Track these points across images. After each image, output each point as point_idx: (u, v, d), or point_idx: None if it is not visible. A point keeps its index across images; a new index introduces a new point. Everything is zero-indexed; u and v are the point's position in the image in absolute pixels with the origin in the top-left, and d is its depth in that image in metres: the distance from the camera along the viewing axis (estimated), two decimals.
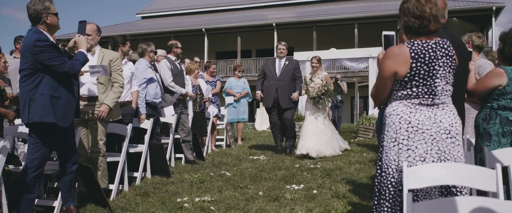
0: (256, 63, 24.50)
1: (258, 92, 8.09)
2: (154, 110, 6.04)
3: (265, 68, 8.10)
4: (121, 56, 5.33)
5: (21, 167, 3.87)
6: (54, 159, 4.45)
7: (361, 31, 22.24)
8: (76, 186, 4.30)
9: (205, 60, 23.71)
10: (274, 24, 23.30)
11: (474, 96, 3.58)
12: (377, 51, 4.02)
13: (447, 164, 2.54)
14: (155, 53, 6.28)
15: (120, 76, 4.80)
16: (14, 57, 6.71)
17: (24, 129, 3.97)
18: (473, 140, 3.68)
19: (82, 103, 4.46)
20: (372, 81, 10.22)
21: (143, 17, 30.37)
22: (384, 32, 3.04)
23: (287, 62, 7.95)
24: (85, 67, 4.26)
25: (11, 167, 4.01)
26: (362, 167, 6.60)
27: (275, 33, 23.51)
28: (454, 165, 2.52)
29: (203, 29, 24.37)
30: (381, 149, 2.74)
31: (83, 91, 4.50)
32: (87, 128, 4.63)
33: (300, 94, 7.89)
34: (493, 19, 21.24)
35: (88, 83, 4.56)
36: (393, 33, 3.07)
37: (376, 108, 3.85)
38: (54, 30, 3.88)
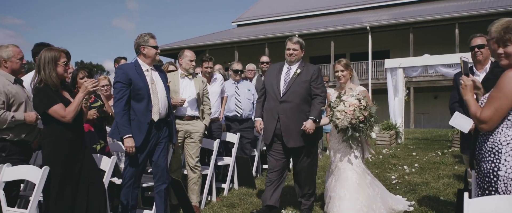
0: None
1: (258, 121, 4.94)
2: (232, 123, 6.59)
3: (265, 80, 5.04)
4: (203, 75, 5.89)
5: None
6: (149, 171, 4.99)
7: (463, 31, 20.97)
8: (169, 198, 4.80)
9: None
10: (368, 27, 22.86)
11: None
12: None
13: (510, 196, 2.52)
14: (236, 71, 6.71)
15: (208, 99, 5.39)
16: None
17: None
18: None
19: (183, 122, 5.01)
20: None
21: (238, 25, 31.49)
22: (463, 58, 3.06)
23: (298, 71, 4.81)
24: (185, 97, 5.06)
25: (114, 179, 4.61)
26: (451, 181, 6.40)
27: (369, 36, 23.06)
28: None
29: (297, 35, 24.55)
30: (493, 178, 2.63)
31: (183, 112, 5.06)
32: (184, 145, 5.15)
33: (317, 122, 4.67)
34: None
35: (187, 105, 5.11)
36: (472, 61, 3.04)
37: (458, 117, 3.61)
38: (152, 60, 4.38)
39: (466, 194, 2.51)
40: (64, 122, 3.57)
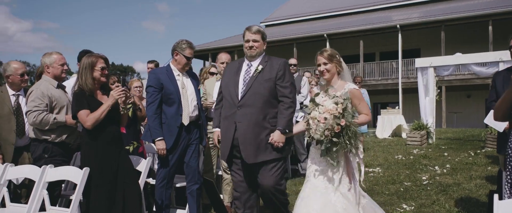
0: (380, 67, 24.01)
1: (216, 132, 4.08)
2: None
3: (222, 81, 4.17)
4: None
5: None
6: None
7: (497, 28, 20.49)
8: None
9: None
10: (398, 25, 22.55)
11: None
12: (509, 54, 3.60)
13: None
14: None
15: None
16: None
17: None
18: None
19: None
20: None
21: (266, 26, 31.56)
22: None
23: (260, 67, 3.91)
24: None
25: (149, 179, 4.78)
26: (483, 183, 6.32)
27: (400, 35, 22.75)
28: None
29: (325, 35, 24.52)
30: None
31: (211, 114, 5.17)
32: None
33: (286, 133, 3.79)
34: None
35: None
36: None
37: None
38: (182, 67, 4.47)
39: (496, 196, 2.53)
40: (85, 127, 3.74)
